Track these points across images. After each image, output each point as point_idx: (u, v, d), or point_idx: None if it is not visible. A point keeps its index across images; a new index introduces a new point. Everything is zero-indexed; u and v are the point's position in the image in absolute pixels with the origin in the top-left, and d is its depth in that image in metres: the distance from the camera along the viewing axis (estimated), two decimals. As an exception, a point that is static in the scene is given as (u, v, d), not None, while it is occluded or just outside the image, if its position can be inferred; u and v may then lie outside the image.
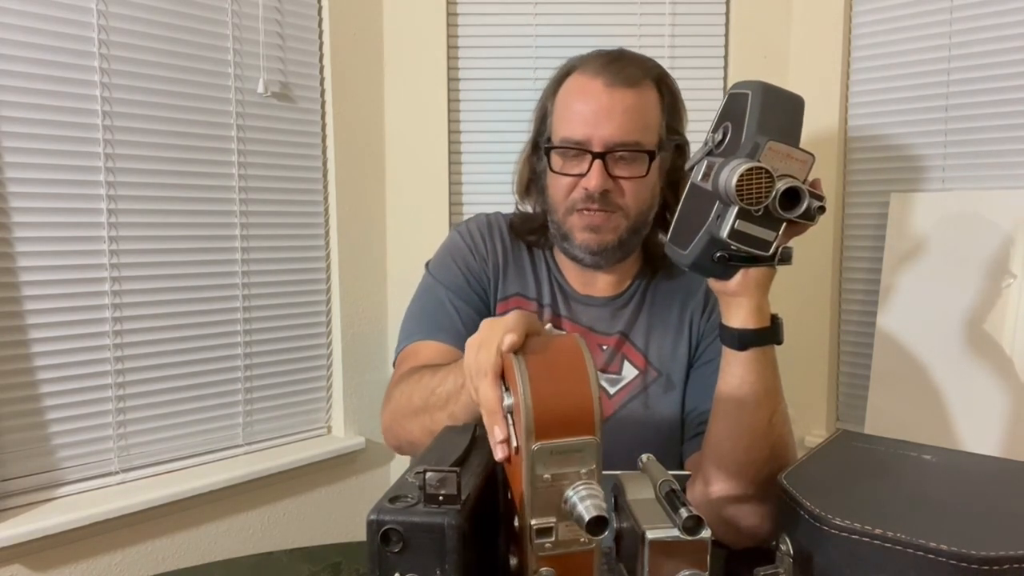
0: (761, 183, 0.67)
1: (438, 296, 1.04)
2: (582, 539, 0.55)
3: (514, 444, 0.55)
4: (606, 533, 0.52)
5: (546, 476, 0.53)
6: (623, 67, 0.96)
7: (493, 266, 1.06)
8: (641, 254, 1.07)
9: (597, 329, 1.04)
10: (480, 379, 0.60)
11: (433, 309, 1.03)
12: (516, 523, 0.57)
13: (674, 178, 1.03)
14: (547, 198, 1.02)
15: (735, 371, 0.79)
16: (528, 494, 0.53)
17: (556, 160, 0.98)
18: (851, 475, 0.73)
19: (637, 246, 1.04)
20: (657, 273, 1.08)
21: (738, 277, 0.76)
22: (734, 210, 0.69)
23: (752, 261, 0.74)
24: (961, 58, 1.41)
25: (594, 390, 0.53)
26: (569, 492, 0.53)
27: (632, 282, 1.07)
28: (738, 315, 0.78)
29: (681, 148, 1.03)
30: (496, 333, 0.59)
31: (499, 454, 0.58)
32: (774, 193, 0.67)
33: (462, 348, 0.93)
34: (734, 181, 0.66)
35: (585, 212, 0.97)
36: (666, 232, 1.05)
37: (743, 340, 0.78)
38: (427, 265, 1.10)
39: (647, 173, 0.97)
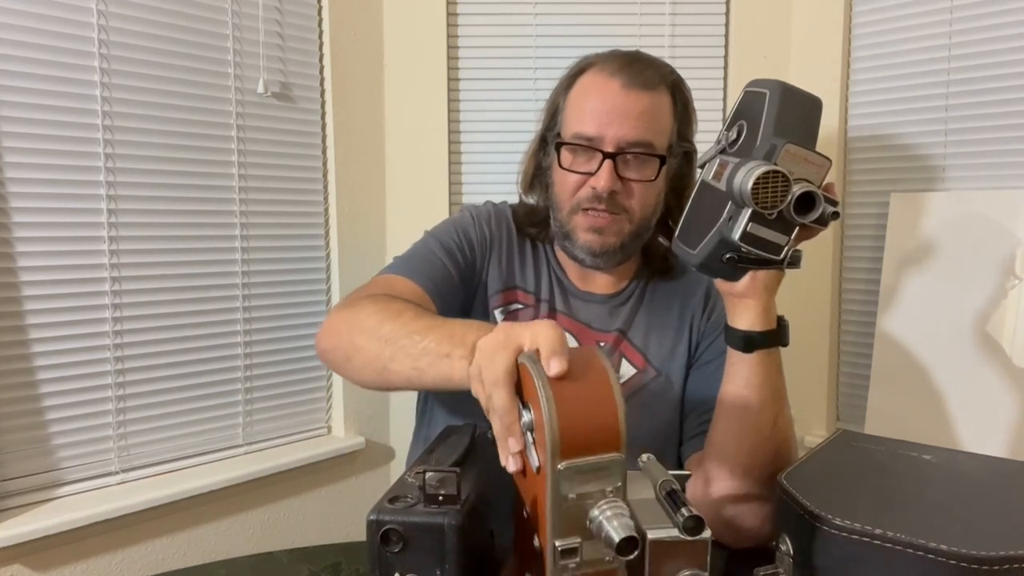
0: (777, 187, 0.66)
1: (429, 247, 1.02)
2: (607, 558, 0.53)
3: (535, 463, 0.53)
4: (636, 553, 0.50)
5: (571, 496, 0.51)
6: (641, 70, 0.95)
7: (495, 249, 1.04)
8: (641, 256, 1.07)
9: (595, 326, 1.04)
10: (495, 388, 0.56)
11: (420, 256, 1.01)
12: (536, 542, 0.55)
13: (679, 185, 1.03)
14: (552, 194, 1.01)
15: (740, 372, 0.79)
16: (552, 514, 0.51)
17: (565, 156, 0.97)
18: (851, 475, 0.73)
19: (638, 250, 1.03)
20: (656, 273, 1.07)
21: (746, 279, 0.76)
22: (747, 213, 0.68)
23: (761, 264, 0.73)
24: (961, 58, 1.41)
25: (619, 405, 0.52)
26: (595, 512, 0.51)
27: (631, 280, 1.06)
28: (745, 317, 0.78)
29: (689, 155, 1.02)
30: (514, 340, 0.57)
31: (512, 466, 0.56)
32: (790, 198, 0.66)
33: (438, 300, 0.94)
34: (750, 184, 0.65)
35: (590, 212, 0.96)
36: (667, 237, 1.06)
37: (749, 342, 0.78)
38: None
39: (656, 177, 0.96)
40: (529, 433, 0.54)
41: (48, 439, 1.23)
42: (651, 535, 0.54)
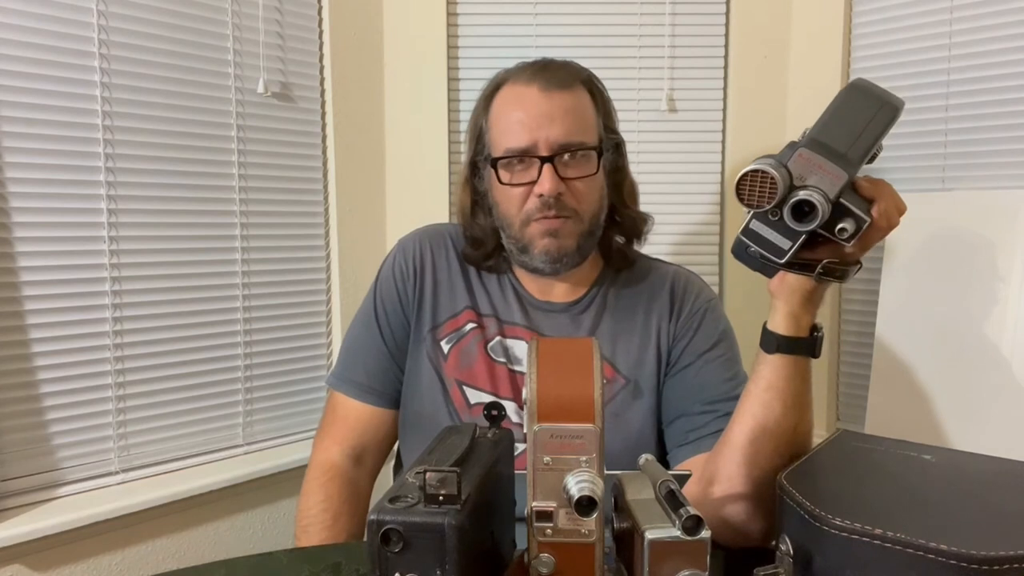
0: (755, 186, 0.66)
1: (359, 334, 1.09)
2: (583, 530, 0.56)
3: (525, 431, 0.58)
4: (594, 515, 0.54)
5: (546, 459, 0.55)
6: (554, 72, 0.97)
7: (430, 282, 1.06)
8: (599, 257, 1.06)
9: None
10: None
11: (353, 353, 1.09)
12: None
13: (616, 178, 1.03)
14: (499, 215, 1.00)
15: (763, 372, 0.78)
16: (531, 477, 0.56)
17: (503, 173, 0.97)
18: (851, 475, 0.72)
19: (593, 249, 1.03)
20: (618, 276, 1.06)
21: (776, 278, 0.76)
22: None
23: (787, 265, 0.72)
24: (961, 58, 1.41)
25: (597, 382, 0.56)
26: (568, 478, 0.55)
27: (591, 287, 1.05)
28: (773, 317, 0.77)
29: (619, 147, 1.04)
30: None
31: None
32: (777, 200, 0.66)
33: (371, 401, 1.06)
34: (737, 179, 0.66)
35: (542, 220, 0.96)
36: (622, 234, 1.07)
37: (768, 343, 0.77)
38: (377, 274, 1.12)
39: (597, 171, 0.97)
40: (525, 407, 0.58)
41: (48, 439, 1.23)
42: (650, 535, 0.54)
